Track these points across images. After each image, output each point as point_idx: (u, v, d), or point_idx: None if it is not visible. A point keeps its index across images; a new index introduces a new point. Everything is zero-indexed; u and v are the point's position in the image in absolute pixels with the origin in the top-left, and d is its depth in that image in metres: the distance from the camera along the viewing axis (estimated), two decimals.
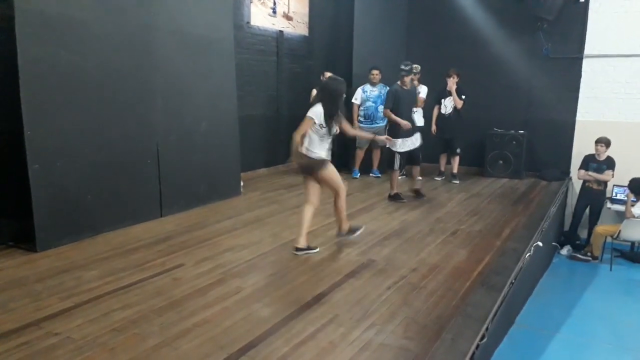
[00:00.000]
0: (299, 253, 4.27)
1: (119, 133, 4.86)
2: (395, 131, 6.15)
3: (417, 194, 6.56)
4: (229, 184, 6.39)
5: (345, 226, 4.58)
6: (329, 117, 4.15)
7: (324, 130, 4.18)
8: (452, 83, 7.63)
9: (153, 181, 5.28)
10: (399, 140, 6.14)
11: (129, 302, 3.33)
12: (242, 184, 6.64)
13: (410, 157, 6.41)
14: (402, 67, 6.24)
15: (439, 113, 7.87)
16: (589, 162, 7.56)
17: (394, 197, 6.35)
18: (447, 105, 7.78)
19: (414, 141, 6.30)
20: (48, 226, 4.27)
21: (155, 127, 5.25)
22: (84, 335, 2.90)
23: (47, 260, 4.07)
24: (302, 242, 4.32)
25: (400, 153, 6.24)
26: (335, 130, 4.25)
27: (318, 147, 4.22)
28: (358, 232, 4.61)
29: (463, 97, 7.64)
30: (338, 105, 4.22)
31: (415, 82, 7.64)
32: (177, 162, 5.51)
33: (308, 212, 4.33)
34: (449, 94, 7.73)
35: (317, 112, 4.14)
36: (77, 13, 4.41)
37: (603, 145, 7.37)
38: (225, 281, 3.73)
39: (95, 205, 4.67)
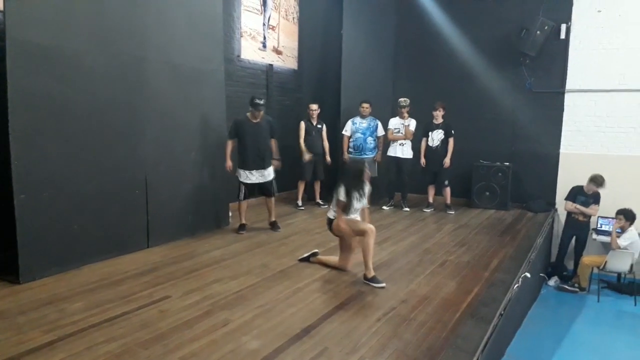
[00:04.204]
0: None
1: (108, 163, 4.85)
2: (240, 162, 6.14)
3: (273, 225, 6.38)
4: (218, 214, 6.37)
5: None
6: (351, 194, 4.64)
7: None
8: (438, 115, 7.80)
9: (141, 211, 5.24)
10: (242, 172, 6.14)
11: (114, 335, 3.26)
12: (230, 214, 6.61)
13: (261, 189, 6.31)
14: (257, 101, 6.01)
15: (427, 146, 7.98)
16: (577, 195, 7.63)
17: (239, 228, 6.21)
18: (435, 138, 7.91)
19: (262, 175, 6.16)
20: (32, 257, 4.20)
21: (144, 157, 5.25)
22: None
23: (31, 292, 3.98)
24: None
25: (245, 184, 6.15)
26: (356, 208, 4.70)
27: (333, 212, 4.82)
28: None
29: (452, 132, 7.79)
30: (361, 183, 4.73)
31: (405, 115, 7.84)
32: (165, 192, 5.49)
33: (367, 244, 4.49)
34: (436, 127, 7.87)
35: (341, 192, 4.67)
36: (69, 45, 4.45)
37: (593, 184, 7.43)
38: (212, 313, 3.68)
39: (82, 235, 4.61)
